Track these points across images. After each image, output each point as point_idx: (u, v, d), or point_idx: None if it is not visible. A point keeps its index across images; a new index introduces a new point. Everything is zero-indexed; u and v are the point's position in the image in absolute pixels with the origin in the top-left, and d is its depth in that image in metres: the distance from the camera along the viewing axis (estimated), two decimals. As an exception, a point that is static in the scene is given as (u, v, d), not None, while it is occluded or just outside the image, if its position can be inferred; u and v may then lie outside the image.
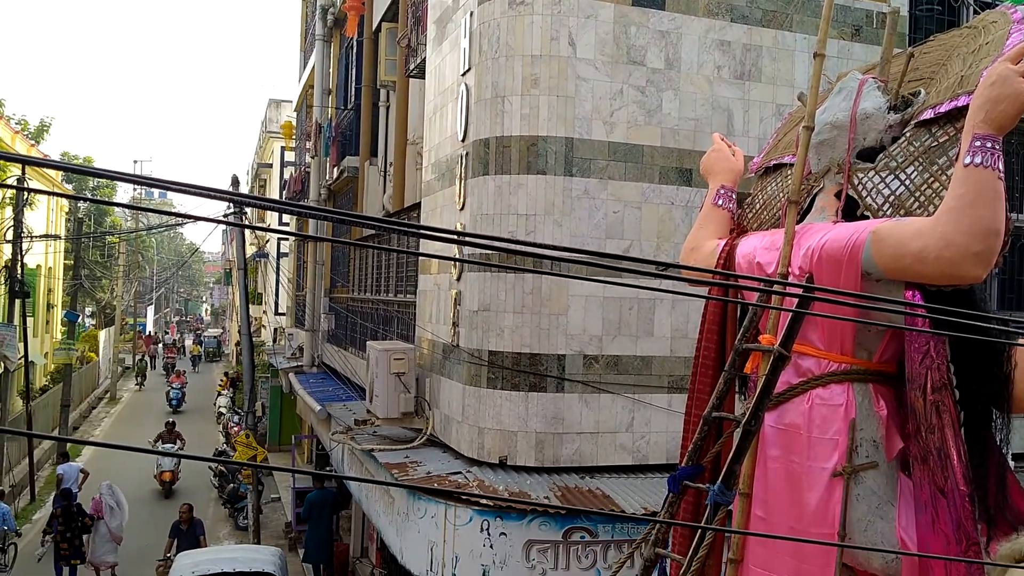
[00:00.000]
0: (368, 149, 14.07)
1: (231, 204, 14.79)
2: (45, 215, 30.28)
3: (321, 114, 18.07)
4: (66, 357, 24.59)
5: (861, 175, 3.18)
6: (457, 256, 7.74)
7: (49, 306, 32.66)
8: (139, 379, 40.12)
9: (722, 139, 4.04)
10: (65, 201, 32.79)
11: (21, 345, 19.30)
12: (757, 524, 3.12)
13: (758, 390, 2.83)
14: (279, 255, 28.16)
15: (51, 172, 29.35)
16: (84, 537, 14.01)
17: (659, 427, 7.94)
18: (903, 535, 2.90)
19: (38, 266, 28.50)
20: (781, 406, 3.10)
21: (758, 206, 3.95)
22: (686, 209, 7.95)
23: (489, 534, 6.96)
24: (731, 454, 2.85)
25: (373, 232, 13.23)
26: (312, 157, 18.80)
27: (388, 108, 12.83)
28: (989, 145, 2.68)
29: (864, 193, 3.17)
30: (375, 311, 13.18)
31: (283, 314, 26.49)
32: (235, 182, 18.48)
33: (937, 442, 2.75)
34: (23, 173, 18.85)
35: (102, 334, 40.21)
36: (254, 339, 21.51)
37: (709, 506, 2.91)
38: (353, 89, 15.73)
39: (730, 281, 3.45)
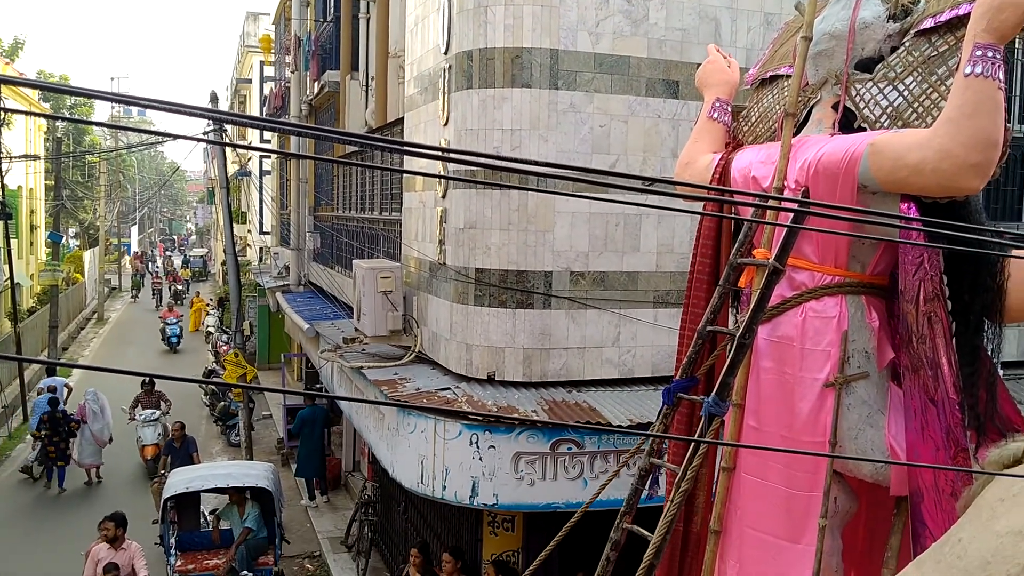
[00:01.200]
0: (349, 63, 13.77)
1: (211, 122, 14.52)
2: (23, 135, 29.73)
3: (300, 27, 17.63)
4: (52, 279, 24.48)
5: (859, 86, 3.15)
6: (442, 173, 7.66)
7: (32, 227, 32.36)
8: (134, 292, 43.81)
9: (717, 50, 3.98)
10: (43, 120, 32.18)
11: (6, 267, 19.17)
12: (749, 434, 3.17)
13: (752, 304, 2.85)
14: (262, 173, 27.85)
15: (28, 91, 28.71)
16: (70, 441, 15.15)
17: (645, 341, 8.00)
18: (892, 442, 2.96)
19: (19, 187, 28.12)
20: (775, 319, 3.14)
21: (754, 119, 3.90)
22: (673, 122, 7.86)
23: (478, 447, 7.08)
24: (725, 366, 2.90)
25: (356, 149, 13.06)
26: (292, 72, 18.42)
27: (369, 19, 12.51)
28: (990, 55, 2.64)
29: (862, 104, 3.14)
30: (361, 229, 13.11)
31: (268, 233, 26.32)
32: (214, 99, 18.11)
33: (928, 352, 2.80)
34: (-3, 92, 18.44)
35: (87, 255, 39.98)
36: (240, 259, 21.43)
37: (704, 417, 2.96)
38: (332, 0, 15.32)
39: (724, 196, 3.42)
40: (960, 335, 2.83)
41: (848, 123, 3.21)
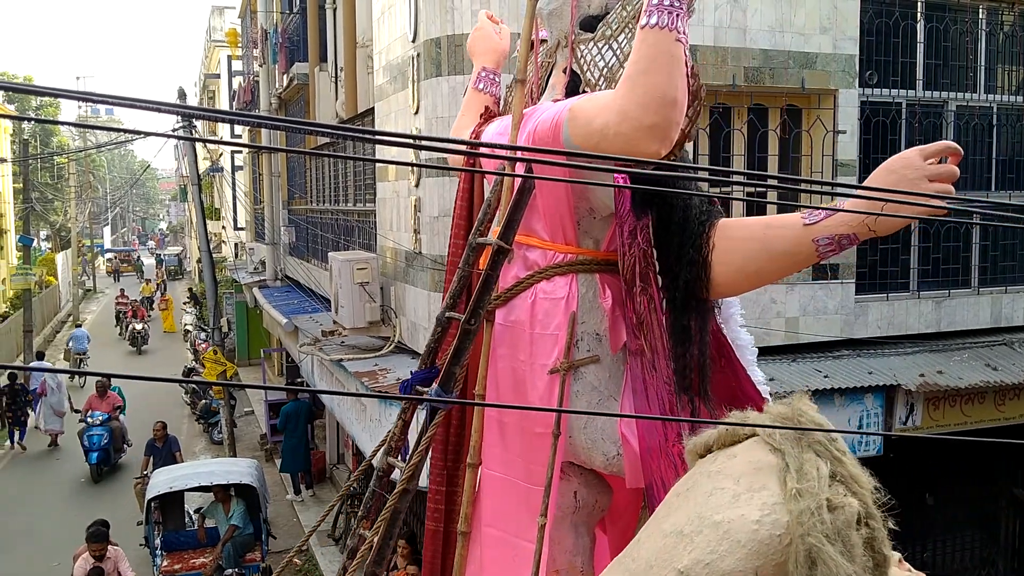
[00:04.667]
0: (317, 54, 13.66)
1: (180, 118, 14.37)
2: (-13, 138, 29.32)
3: (266, 19, 17.46)
4: (24, 282, 24.22)
5: (583, 47, 2.85)
6: (414, 161, 7.61)
7: (1, 231, 31.97)
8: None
9: (489, 17, 3.56)
10: (8, 123, 31.75)
11: (-24, 273, 18.95)
12: (491, 425, 2.93)
13: (477, 286, 2.60)
14: (234, 168, 27.64)
15: (-11, 92, 28.29)
16: (28, 410, 18.07)
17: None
18: (625, 431, 2.71)
19: (-15, 191, 27.77)
20: (510, 302, 2.88)
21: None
22: (644, 103, 7.85)
23: (461, 436, 7.07)
24: (448, 355, 2.65)
25: (328, 140, 12.97)
26: (260, 65, 18.25)
27: (335, 10, 12.40)
28: (667, 3, 2.35)
29: (585, 67, 2.84)
30: (335, 221, 13.04)
31: (243, 229, 26.15)
32: (181, 95, 17.92)
33: (646, 332, 2.62)
34: (-41, 95, 18.14)
35: (59, 257, 39.55)
36: (215, 255, 21.28)
37: (426, 410, 2.73)
38: (297, -9, 15.18)
39: (474, 168, 3.10)
40: (669, 313, 2.63)
41: (576, 88, 2.92)
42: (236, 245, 27.36)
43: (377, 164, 9.71)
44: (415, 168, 7.93)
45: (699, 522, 1.46)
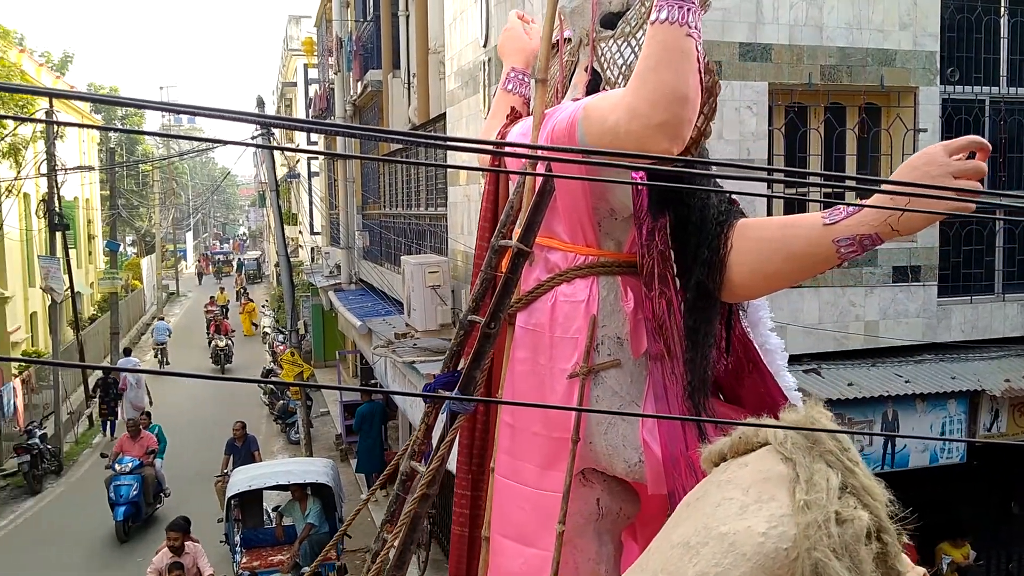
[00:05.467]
0: (390, 61, 13.85)
1: (258, 126, 14.73)
2: (77, 147, 30.46)
3: (341, 28, 17.78)
4: (111, 286, 25.07)
5: (603, 45, 2.80)
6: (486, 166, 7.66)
7: (90, 237, 33.17)
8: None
9: (520, 17, 3.48)
10: (96, 132, 32.92)
11: (66, 277, 19.68)
12: (505, 431, 2.86)
13: (497, 289, 2.55)
14: (310, 174, 28.19)
15: (80, 103, 29.40)
16: (118, 402, 19.05)
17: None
18: (647, 437, 2.63)
19: (75, 198, 28.84)
20: (530, 305, 2.82)
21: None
22: (717, 103, 7.76)
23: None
24: (469, 359, 2.57)
25: (400, 147, 13.14)
26: (335, 73, 18.59)
27: (408, 17, 12.57)
28: None
29: (605, 65, 2.79)
30: (408, 226, 13.19)
31: (318, 233, 26.65)
32: (260, 103, 18.36)
33: (665, 335, 2.55)
34: (51, 106, 18.89)
35: (144, 261, 40.86)
36: (292, 259, 21.73)
37: (446, 415, 2.66)
38: (371, -1, 15.42)
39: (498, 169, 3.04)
40: (686, 316, 2.55)
41: (597, 86, 2.86)
42: (312, 249, 27.89)
43: (449, 169, 9.79)
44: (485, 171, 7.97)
45: (705, 533, 1.42)
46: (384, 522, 2.78)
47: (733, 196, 2.65)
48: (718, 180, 2.72)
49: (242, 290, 38.66)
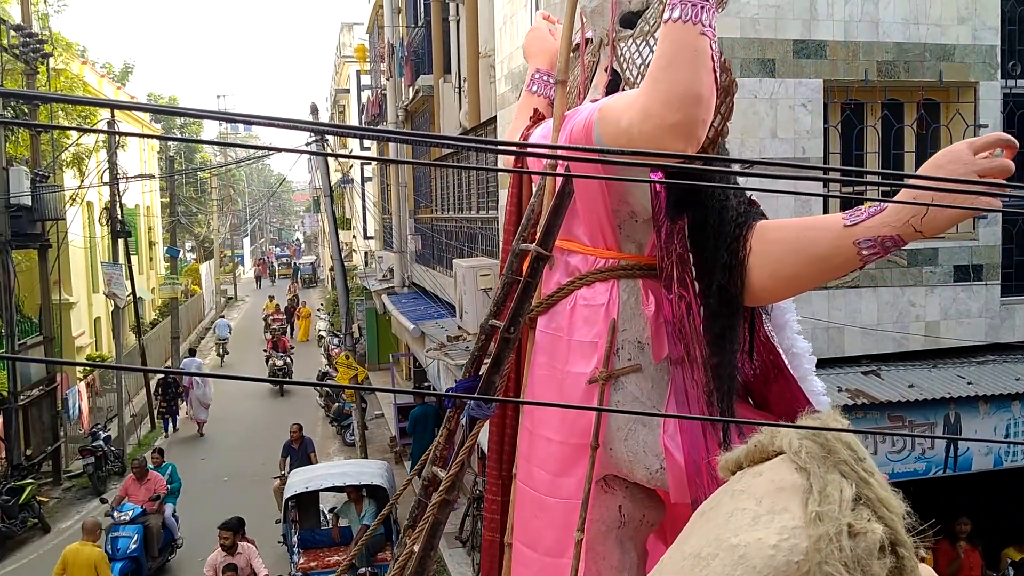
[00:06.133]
0: (441, 66, 13.95)
1: (312, 133, 14.94)
2: (138, 155, 31.21)
3: (392, 34, 17.95)
4: (171, 291, 25.60)
5: (623, 44, 2.73)
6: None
7: (151, 243, 33.95)
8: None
9: (546, 17, 3.41)
10: (156, 140, 33.67)
11: (128, 282, 20.16)
12: (524, 436, 2.81)
13: (516, 293, 2.52)
14: (363, 180, 28.49)
15: (140, 113, 30.12)
16: (177, 401, 20.27)
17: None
18: (668, 443, 2.55)
19: (136, 206, 29.54)
20: (551, 309, 2.76)
21: (568, 89, 3.33)
22: (771, 102, 7.68)
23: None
24: (489, 364, 2.54)
25: (451, 151, 13.22)
26: (387, 79, 18.77)
27: (458, 22, 12.65)
28: None
29: (625, 65, 2.72)
30: (459, 229, 13.26)
31: (372, 238, 26.92)
32: (314, 110, 18.62)
33: (685, 340, 2.49)
34: (112, 117, 19.39)
35: (203, 267, 41.69)
36: (346, 263, 21.99)
37: (464, 420, 2.63)
38: (422, 5, 15.54)
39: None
40: (706, 320, 2.48)
41: (617, 86, 2.80)
42: (366, 253, 28.18)
43: (499, 172, 9.82)
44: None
45: (716, 545, 1.38)
46: (406, 527, 2.77)
47: (754, 197, 2.58)
48: (739, 180, 2.68)
49: (295, 298, 38.15)
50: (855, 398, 7.53)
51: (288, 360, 24.30)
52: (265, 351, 26.43)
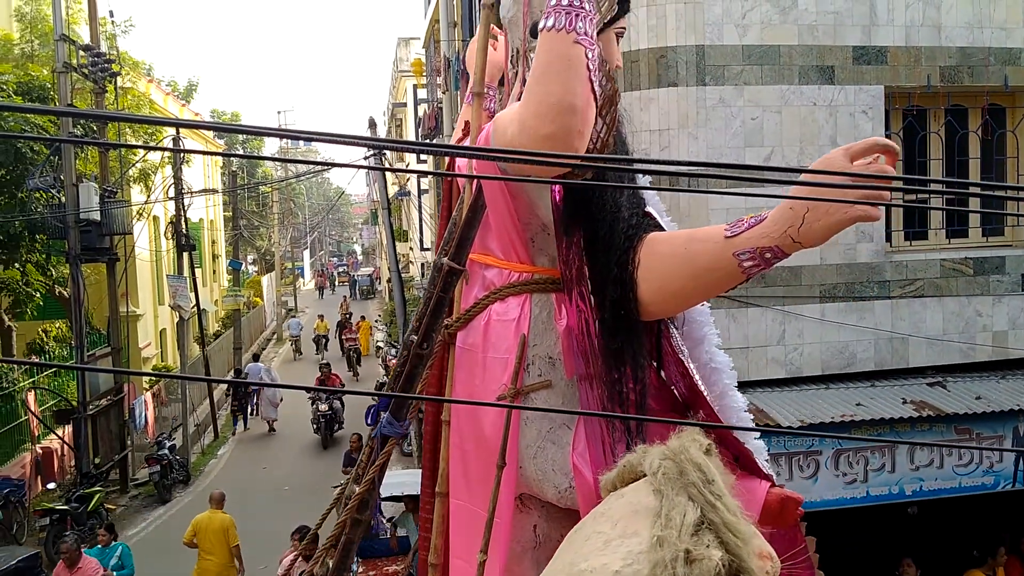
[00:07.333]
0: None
1: (369, 148, 15.13)
2: (202, 171, 31.94)
3: (449, 48, 18.12)
4: (234, 303, 26.16)
5: (532, 55, 2.59)
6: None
7: (214, 256, 34.68)
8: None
9: (492, 30, 3.28)
10: (219, 156, 34.39)
11: (193, 294, 20.63)
12: (455, 453, 2.73)
13: (428, 309, 2.48)
14: (420, 192, 28.75)
15: (204, 130, 30.86)
16: (246, 400, 21.53)
17: (812, 338, 7.72)
18: (577, 461, 2.45)
19: (200, 220, 30.22)
20: (468, 324, 2.69)
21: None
22: (830, 109, 7.58)
23: (643, 452, 7.02)
24: (400, 380, 2.50)
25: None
26: (443, 92, 18.94)
27: (514, 34, 12.72)
28: (566, 3, 2.14)
29: None
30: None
31: (428, 249, 27.13)
32: (372, 124, 18.87)
33: (585, 356, 2.42)
34: (177, 134, 19.91)
35: (265, 279, 42.43)
36: (403, 275, 22.18)
37: (376, 439, 2.58)
38: (478, 19, 15.66)
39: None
40: (602, 335, 2.39)
41: None
42: (423, 265, 28.39)
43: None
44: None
45: (568, 570, 1.33)
46: (327, 547, 2.71)
47: (649, 209, 2.50)
48: (640, 190, 2.57)
49: (347, 315, 37.39)
50: (920, 410, 7.36)
51: (339, 405, 20.01)
52: (311, 400, 20.72)
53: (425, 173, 28.19)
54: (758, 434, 2.67)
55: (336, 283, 61.11)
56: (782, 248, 2.08)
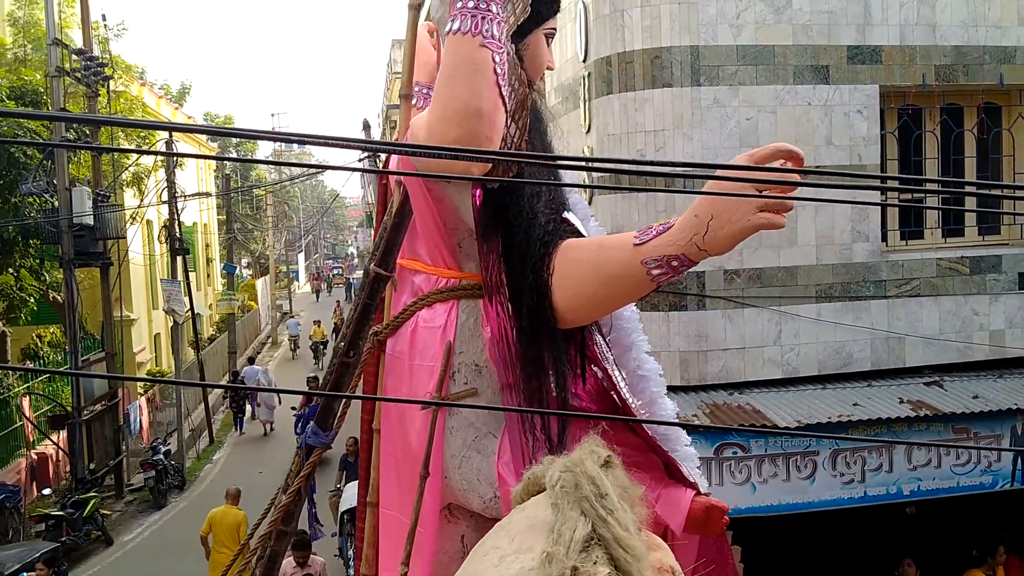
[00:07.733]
0: (491, 80, 14.01)
1: (363, 150, 15.09)
2: (195, 174, 31.86)
3: (442, 49, 18.08)
4: (228, 307, 26.07)
5: None
6: (585, 181, 7.66)
7: (208, 260, 34.59)
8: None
9: (430, 30, 3.19)
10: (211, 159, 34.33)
11: (187, 299, 20.55)
12: (387, 462, 2.68)
13: (353, 316, 2.45)
14: (415, 194, 28.71)
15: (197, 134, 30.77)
16: (244, 402, 21.29)
17: (808, 338, 7.71)
18: (503, 471, 2.43)
19: (194, 223, 30.14)
20: (397, 331, 2.65)
21: None
22: (825, 108, 7.56)
23: (640, 454, 7.00)
24: (328, 388, 2.47)
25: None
26: (437, 93, 18.89)
27: (507, 36, 12.70)
28: (472, 5, 2.12)
29: None
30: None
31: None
32: (366, 126, 18.82)
33: (504, 364, 2.39)
34: (171, 137, 19.83)
35: (259, 283, 42.32)
36: (398, 277, 22.13)
37: (301, 449, 2.54)
38: (471, 20, 15.64)
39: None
40: (518, 344, 2.35)
41: None
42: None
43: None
44: (586, 188, 7.96)
45: None
46: (258, 559, 2.69)
47: (567, 215, 2.46)
48: (562, 190, 2.51)
49: (341, 321, 37.26)
50: (917, 410, 7.35)
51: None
52: (294, 409, 18.82)
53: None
54: (689, 441, 2.64)
55: (332, 285, 60.83)
56: (688, 256, 2.05)
